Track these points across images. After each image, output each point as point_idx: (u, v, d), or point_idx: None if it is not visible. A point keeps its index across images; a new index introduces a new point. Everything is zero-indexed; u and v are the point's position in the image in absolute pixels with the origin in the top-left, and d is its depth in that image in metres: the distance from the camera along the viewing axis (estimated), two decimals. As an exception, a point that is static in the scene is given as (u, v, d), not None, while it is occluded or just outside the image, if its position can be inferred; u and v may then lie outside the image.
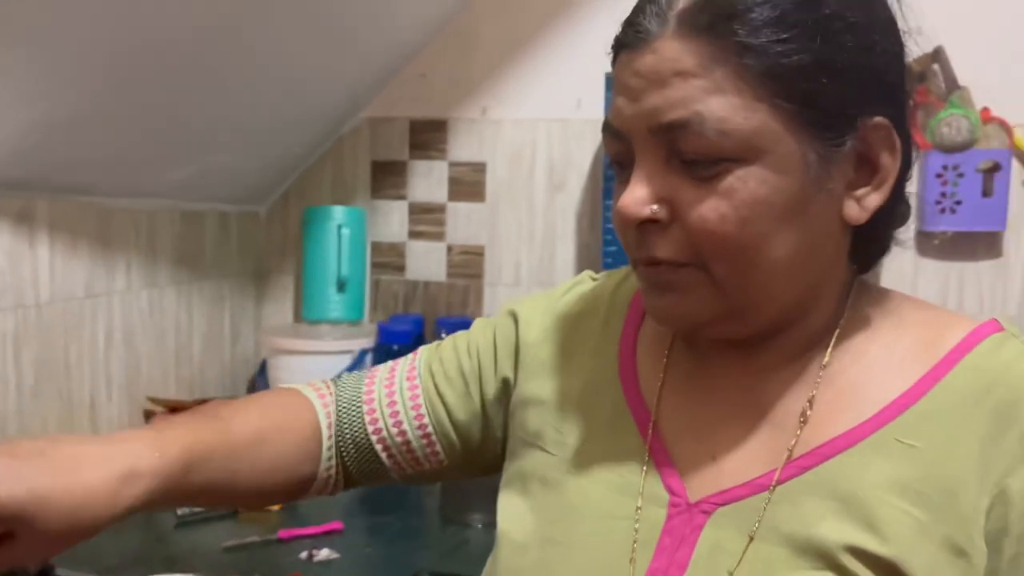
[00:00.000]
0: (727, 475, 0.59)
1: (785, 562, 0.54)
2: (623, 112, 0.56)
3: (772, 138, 0.53)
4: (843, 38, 0.54)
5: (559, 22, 1.72)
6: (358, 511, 1.42)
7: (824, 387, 0.59)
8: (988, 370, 0.57)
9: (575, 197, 1.75)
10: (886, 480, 0.54)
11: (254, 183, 1.79)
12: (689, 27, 0.53)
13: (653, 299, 0.59)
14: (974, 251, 1.59)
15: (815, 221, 0.56)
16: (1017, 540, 0.53)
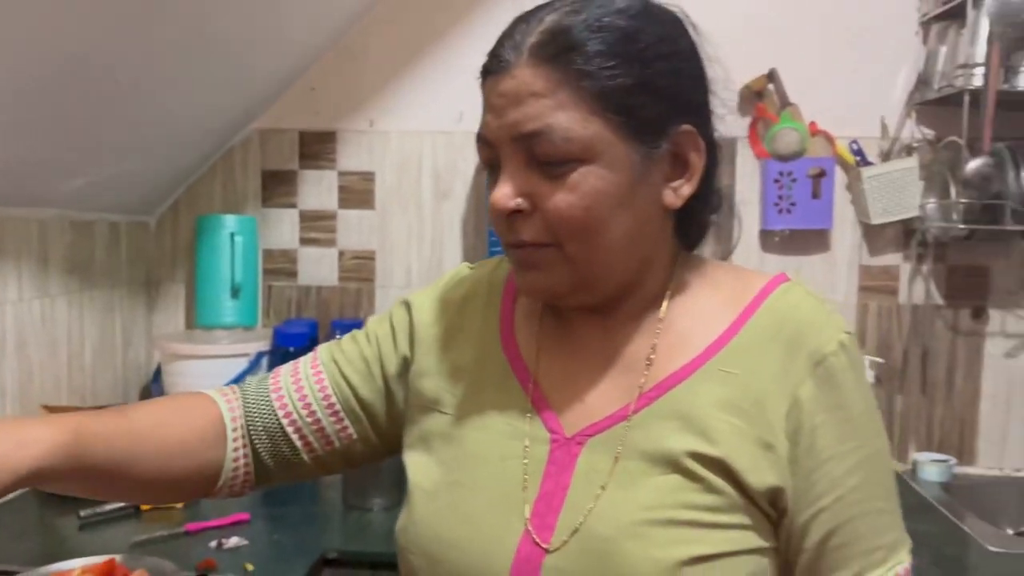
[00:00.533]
0: (595, 412, 0.73)
1: (644, 472, 0.69)
2: (490, 125, 0.69)
3: (606, 143, 0.67)
4: (657, 65, 0.69)
5: (443, 40, 1.84)
6: (262, 503, 1.48)
7: (662, 335, 0.74)
8: (779, 310, 0.72)
9: (460, 203, 1.87)
10: (713, 400, 0.70)
11: (144, 193, 1.81)
12: (538, 57, 0.67)
13: (522, 276, 0.73)
14: (807, 246, 1.83)
15: (642, 207, 0.70)
16: (808, 432, 0.68)
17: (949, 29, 1.69)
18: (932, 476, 1.71)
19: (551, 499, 0.70)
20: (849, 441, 0.68)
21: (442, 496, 0.74)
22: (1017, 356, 1.81)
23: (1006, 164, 1.63)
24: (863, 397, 0.70)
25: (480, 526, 0.71)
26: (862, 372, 0.71)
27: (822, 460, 0.68)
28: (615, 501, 0.68)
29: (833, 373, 0.69)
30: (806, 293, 0.74)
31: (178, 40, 1.37)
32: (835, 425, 0.68)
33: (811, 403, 0.68)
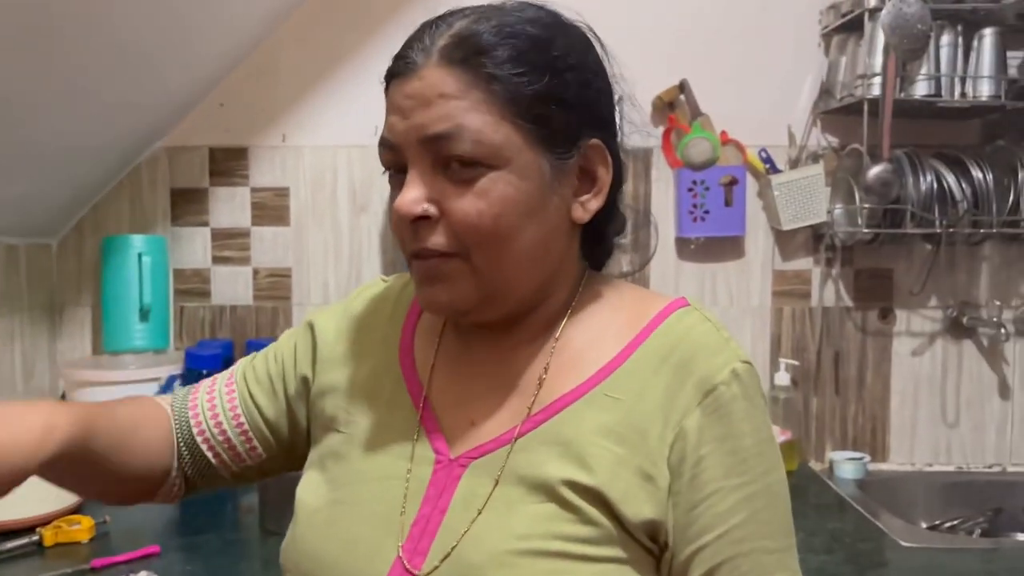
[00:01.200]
0: (483, 434, 0.71)
1: (521, 499, 0.66)
2: (396, 127, 0.67)
3: (515, 150, 0.65)
4: (567, 76, 0.68)
5: (355, 55, 1.82)
6: (174, 533, 1.42)
7: (556, 356, 0.72)
8: (672, 335, 0.69)
9: (378, 218, 1.85)
10: (596, 426, 0.67)
11: (45, 215, 1.74)
12: (448, 59, 0.65)
13: (424, 289, 0.69)
14: (722, 253, 1.86)
15: (551, 218, 0.69)
16: (692, 465, 0.65)
17: (848, 41, 1.75)
18: (848, 474, 1.76)
19: (427, 523, 0.68)
20: (735, 476, 0.65)
21: (322, 514, 0.72)
22: (922, 354, 1.88)
23: (905, 170, 1.69)
24: (755, 429, 0.66)
25: (355, 547, 0.69)
26: (757, 403, 0.68)
27: (706, 494, 0.65)
28: (489, 528, 0.66)
29: (722, 403, 0.66)
30: (702, 318, 0.71)
31: (76, 56, 1.32)
32: (721, 457, 0.65)
33: (697, 434, 0.65)
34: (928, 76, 1.66)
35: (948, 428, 1.89)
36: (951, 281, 1.86)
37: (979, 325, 1.82)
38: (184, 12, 1.46)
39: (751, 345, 1.85)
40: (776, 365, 1.83)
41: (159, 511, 1.54)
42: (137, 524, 1.44)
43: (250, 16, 1.72)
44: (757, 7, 1.83)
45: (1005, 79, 1.68)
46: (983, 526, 1.71)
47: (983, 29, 1.68)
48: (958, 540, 1.58)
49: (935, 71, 1.67)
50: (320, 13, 1.81)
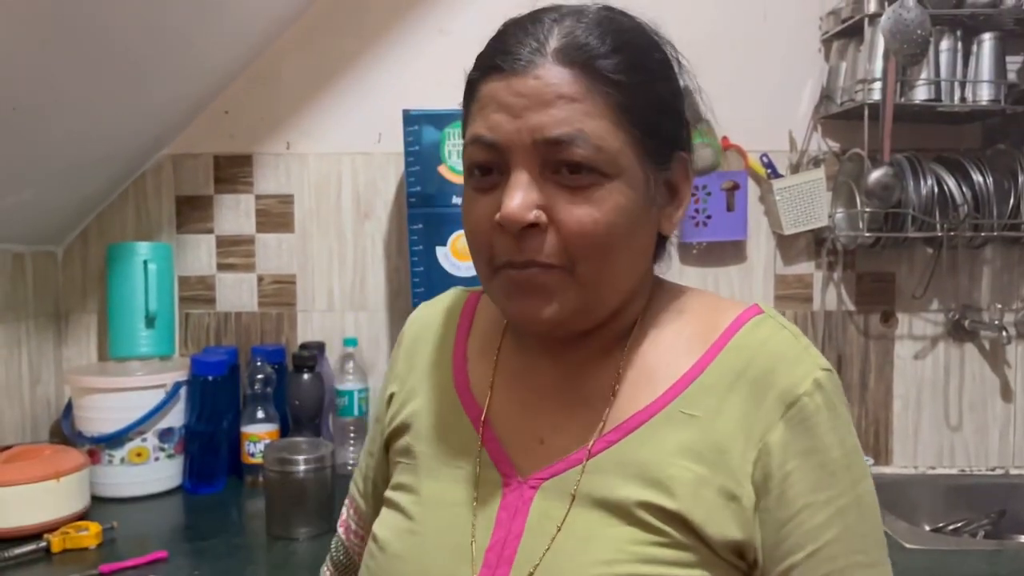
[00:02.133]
0: (552, 454, 0.68)
1: (599, 522, 0.64)
2: (503, 126, 0.63)
3: (628, 159, 0.64)
4: (670, 85, 0.68)
5: (359, 62, 1.83)
6: (182, 538, 1.43)
7: (626, 371, 0.69)
8: (748, 347, 0.67)
9: (382, 224, 1.86)
10: (673, 445, 0.64)
11: (50, 222, 1.75)
12: (565, 61, 0.62)
13: (519, 302, 0.65)
14: (724, 257, 1.87)
15: (649, 229, 0.68)
16: (779, 481, 0.63)
17: (849, 46, 1.76)
18: (851, 477, 1.76)
19: (503, 548, 0.66)
20: (825, 490, 0.63)
21: (393, 547, 0.71)
22: (924, 357, 1.89)
23: (906, 174, 1.70)
24: (841, 440, 0.64)
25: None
26: (842, 412, 0.65)
27: (795, 511, 0.63)
28: (567, 553, 0.64)
29: (807, 416, 0.63)
30: (778, 327, 0.68)
31: (81, 64, 1.33)
32: (809, 472, 0.63)
33: (781, 449, 0.63)
34: (928, 81, 1.67)
35: (951, 431, 1.90)
36: (953, 284, 1.86)
37: (981, 328, 1.83)
38: (189, 20, 1.47)
39: (754, 349, 1.85)
40: (779, 369, 1.83)
41: (166, 516, 1.55)
42: (144, 530, 1.45)
43: (254, 24, 1.73)
44: (758, 14, 1.84)
45: (1004, 83, 1.69)
46: (987, 528, 1.72)
47: (982, 34, 1.69)
48: (962, 542, 1.58)
49: (935, 76, 1.68)
50: (324, 21, 1.83)
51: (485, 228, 0.65)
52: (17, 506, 1.36)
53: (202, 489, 1.65)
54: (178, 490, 1.66)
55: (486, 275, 0.68)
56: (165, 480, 1.64)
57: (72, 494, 1.42)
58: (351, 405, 1.74)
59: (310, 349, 1.76)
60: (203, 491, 1.65)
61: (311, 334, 1.87)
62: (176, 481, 1.66)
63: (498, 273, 0.66)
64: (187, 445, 1.66)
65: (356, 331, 1.86)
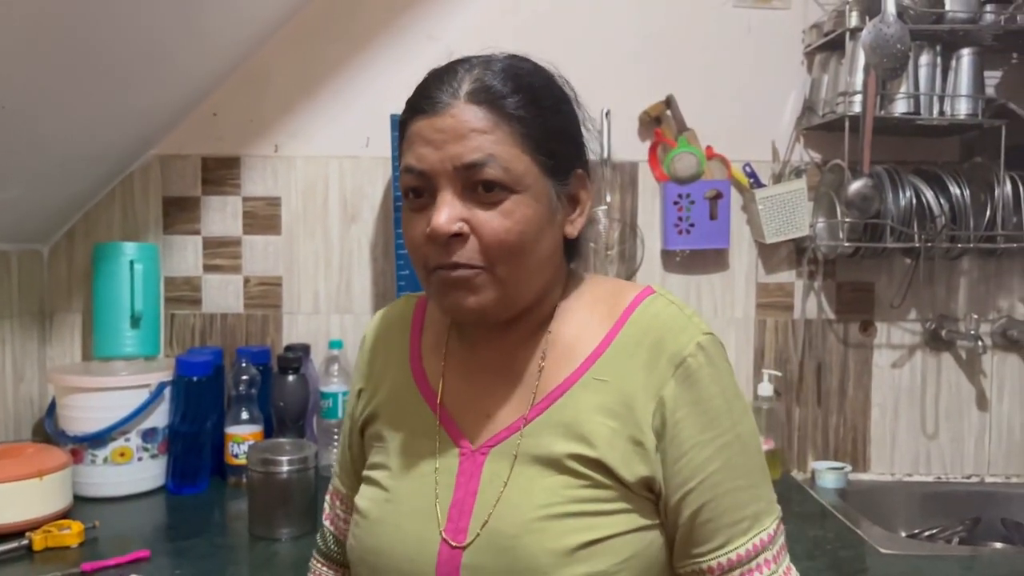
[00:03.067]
0: (495, 425, 0.83)
1: (537, 475, 0.79)
2: (428, 157, 0.76)
3: (533, 177, 0.78)
4: (566, 116, 0.83)
5: (347, 67, 1.85)
6: (164, 537, 1.43)
7: (551, 349, 0.84)
8: (643, 321, 0.81)
9: (369, 228, 1.87)
10: (590, 406, 0.79)
11: (37, 221, 1.75)
12: (475, 101, 0.76)
13: (451, 296, 0.78)
14: (706, 265, 1.89)
15: (555, 234, 0.82)
16: (672, 427, 0.77)
17: (831, 59, 1.79)
18: (829, 483, 1.79)
19: (463, 505, 0.80)
20: (708, 431, 0.77)
21: (374, 513, 0.85)
22: (902, 366, 1.92)
23: (885, 185, 1.73)
24: (722, 390, 0.78)
25: (405, 537, 0.81)
26: (722, 367, 0.80)
27: (685, 450, 0.77)
28: (514, 502, 0.78)
29: (691, 371, 0.78)
30: (667, 302, 0.83)
31: (69, 64, 1.33)
32: (695, 418, 0.77)
33: (673, 400, 0.78)
34: (907, 95, 1.70)
35: (927, 439, 1.93)
36: (930, 294, 1.90)
37: (957, 338, 1.86)
38: (179, 22, 1.48)
39: (735, 356, 1.88)
40: (759, 376, 1.86)
41: (149, 516, 1.55)
42: (126, 529, 1.45)
43: (244, 26, 1.74)
44: (742, 26, 1.87)
45: (982, 98, 1.72)
46: (961, 535, 1.74)
47: (961, 49, 1.72)
48: (937, 548, 1.60)
49: (914, 90, 1.71)
50: (313, 25, 1.84)
51: (420, 240, 0.78)
52: (-1, 504, 1.36)
53: (185, 489, 1.65)
54: (161, 490, 1.66)
55: (423, 278, 0.81)
56: (148, 480, 1.64)
57: (54, 493, 1.42)
58: (335, 407, 1.75)
59: (295, 351, 1.77)
60: (186, 491, 1.65)
61: (296, 336, 1.88)
62: (159, 481, 1.66)
63: (432, 275, 0.79)
64: (170, 445, 1.67)
65: (341, 333, 1.87)
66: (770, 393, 1.82)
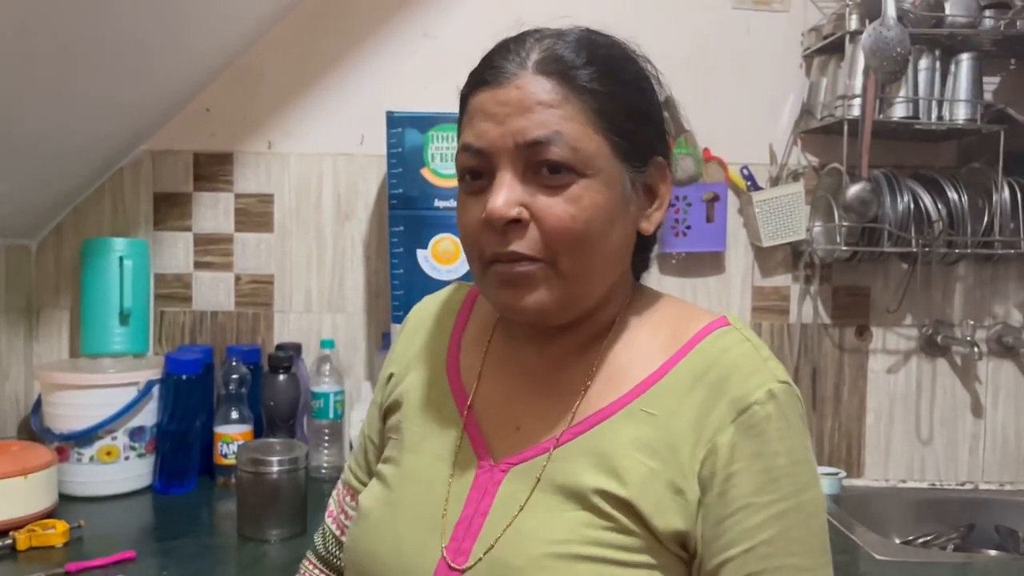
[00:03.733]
0: (524, 441, 0.74)
1: (558, 506, 0.69)
2: (488, 133, 0.69)
3: (605, 160, 0.69)
4: (646, 95, 0.73)
5: (342, 63, 1.83)
6: (150, 538, 1.41)
7: (600, 369, 0.75)
8: (710, 354, 0.71)
9: (363, 226, 1.85)
10: (631, 440, 0.69)
11: (25, 216, 1.72)
12: (544, 71, 0.69)
13: (508, 293, 0.70)
14: (703, 268, 1.88)
15: (627, 227, 0.73)
16: (723, 480, 0.67)
17: (830, 62, 1.79)
18: (824, 489, 1.77)
19: (470, 524, 0.72)
20: (766, 494, 0.66)
21: (374, 514, 0.78)
22: (897, 372, 1.91)
23: (883, 189, 1.72)
24: (789, 449, 0.67)
25: (402, 545, 0.73)
26: (794, 423, 0.69)
27: (734, 509, 0.66)
28: (525, 532, 0.69)
29: (756, 422, 0.67)
30: (742, 338, 0.72)
31: (59, 58, 1.31)
32: (753, 475, 0.67)
33: (728, 450, 0.67)
34: (906, 99, 1.70)
35: (922, 445, 1.92)
36: (926, 300, 1.89)
37: (953, 344, 1.85)
38: (173, 15, 1.46)
39: (730, 360, 1.86)
40: (754, 380, 1.84)
41: (135, 516, 1.53)
42: (112, 529, 1.42)
43: (239, 21, 1.72)
44: (741, 28, 1.86)
45: (981, 103, 1.72)
46: (956, 542, 1.74)
47: (960, 54, 1.72)
48: (931, 555, 1.59)
49: (913, 94, 1.70)
50: (309, 20, 1.82)
51: (475, 227, 0.70)
52: (-18, 503, 1.33)
53: (172, 489, 1.63)
54: (148, 490, 1.64)
55: (478, 271, 0.73)
56: (135, 479, 1.62)
57: (39, 492, 1.40)
58: (326, 407, 1.73)
59: (286, 350, 1.75)
60: (173, 491, 1.62)
61: (288, 335, 1.85)
62: (146, 481, 1.64)
63: (488, 268, 0.71)
64: (158, 444, 1.64)
65: (333, 333, 1.85)
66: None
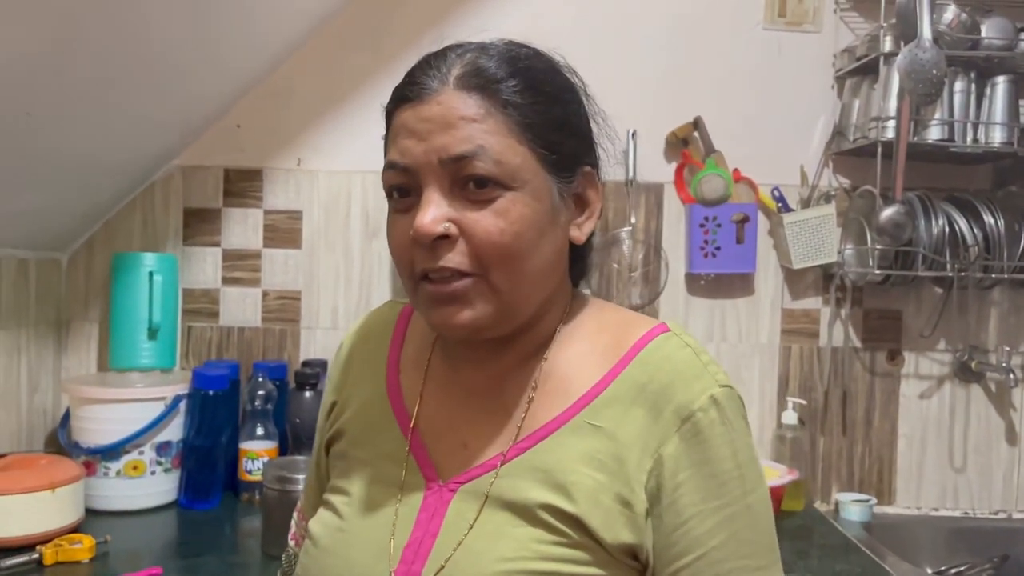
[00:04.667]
0: (471, 459, 0.73)
1: (507, 522, 0.68)
2: (412, 150, 0.68)
3: (530, 172, 0.68)
4: (570, 106, 0.73)
5: (372, 80, 1.83)
6: (176, 554, 1.40)
7: (543, 382, 0.74)
8: (651, 363, 0.71)
9: (389, 243, 1.85)
10: (577, 453, 0.69)
11: (56, 229, 1.74)
12: (466, 86, 0.68)
13: (440, 311, 0.69)
14: (732, 290, 1.86)
15: (558, 238, 0.72)
16: (671, 491, 0.67)
17: (863, 83, 1.77)
18: (854, 516, 1.74)
19: (419, 546, 0.70)
20: (714, 499, 0.67)
21: (324, 541, 0.76)
22: (930, 397, 1.87)
23: (917, 212, 1.70)
24: (734, 452, 0.68)
25: (353, 570, 0.72)
26: (737, 426, 0.69)
27: (684, 518, 0.67)
28: (476, 550, 0.68)
29: (700, 429, 0.67)
30: (682, 344, 0.72)
31: (94, 74, 1.32)
32: (699, 482, 0.67)
33: (674, 460, 0.67)
34: (942, 121, 1.68)
35: (955, 473, 1.88)
36: (961, 325, 1.86)
37: (988, 370, 1.82)
38: (206, 33, 1.47)
39: (759, 383, 1.84)
40: (783, 404, 1.82)
41: (161, 531, 1.53)
42: (138, 544, 1.42)
43: (270, 38, 1.73)
44: (772, 48, 1.85)
45: (1017, 126, 1.69)
46: (989, 573, 1.69)
47: (996, 76, 1.70)
48: (965, 587, 1.56)
49: (949, 116, 1.68)
50: (339, 38, 1.83)
51: (405, 244, 0.69)
52: (10, 516, 1.33)
53: (197, 505, 1.62)
54: (173, 505, 1.64)
55: (410, 288, 0.72)
56: (161, 494, 1.62)
57: (66, 506, 1.40)
58: (351, 425, 1.72)
59: (312, 367, 1.74)
60: (198, 507, 1.62)
61: (314, 351, 1.85)
62: (172, 496, 1.64)
63: (420, 285, 0.70)
64: (184, 459, 1.64)
65: (359, 350, 1.84)
66: (794, 421, 1.78)
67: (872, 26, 1.78)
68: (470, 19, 1.83)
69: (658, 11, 1.83)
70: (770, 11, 1.85)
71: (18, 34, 1.11)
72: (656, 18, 1.83)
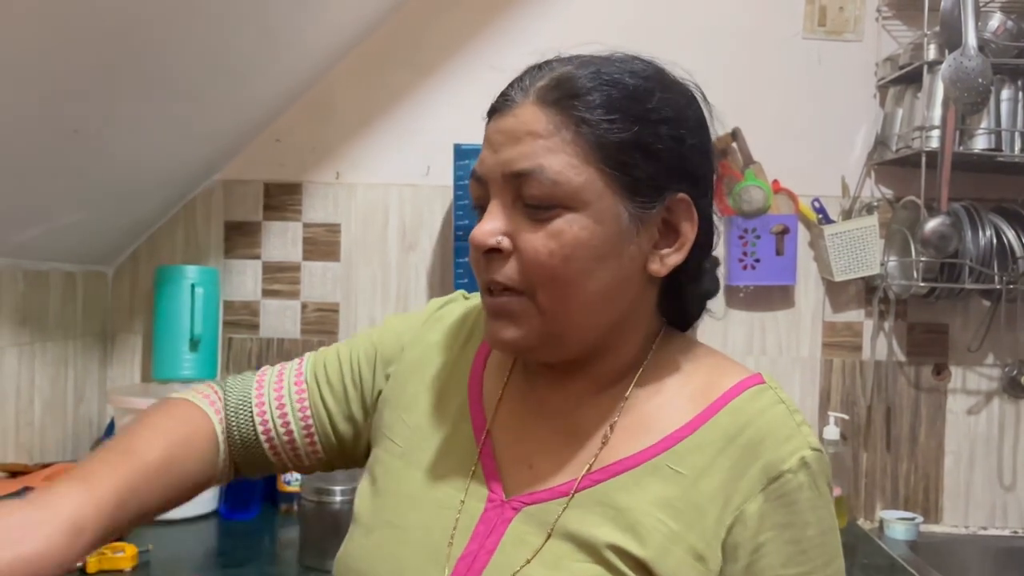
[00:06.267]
0: (539, 480, 0.71)
1: (569, 555, 0.66)
2: (485, 161, 0.68)
3: (595, 194, 0.65)
4: (660, 128, 0.67)
5: (410, 94, 1.85)
6: (215, 564, 1.42)
7: (624, 416, 0.71)
8: (743, 414, 0.68)
9: (427, 256, 1.86)
10: (654, 497, 0.66)
11: (102, 243, 1.77)
12: (543, 100, 0.66)
13: (491, 324, 0.70)
14: (772, 302, 1.84)
15: (624, 267, 0.68)
16: (750, 552, 0.64)
17: (906, 92, 1.74)
18: (899, 534, 1.70)
19: (473, 560, 0.68)
20: (794, 566, 0.65)
21: (375, 534, 0.74)
22: (978, 413, 1.83)
23: (963, 224, 1.66)
24: (819, 519, 0.66)
25: (405, 572, 0.70)
26: (824, 492, 0.67)
27: None
28: None
29: (787, 491, 0.65)
30: (776, 400, 0.69)
31: (142, 89, 1.35)
32: (780, 546, 0.65)
33: (757, 520, 0.65)
34: (988, 130, 1.64)
35: (1004, 491, 1.83)
36: (1010, 339, 1.81)
37: (1038, 385, 1.77)
38: (247, 49, 1.50)
39: (799, 397, 1.81)
40: (825, 418, 1.79)
41: (201, 540, 1.55)
42: (179, 553, 1.44)
43: (309, 53, 1.76)
44: (812, 58, 1.83)
45: (1067, 135, 1.65)
46: (1041, 595, 1.65)
47: (1045, 84, 1.66)
48: (1016, 609, 1.51)
49: (995, 125, 1.64)
50: (377, 52, 1.85)
51: (476, 254, 0.69)
52: (56, 525, 1.36)
53: (237, 515, 1.64)
54: (213, 515, 1.66)
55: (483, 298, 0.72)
56: (201, 504, 1.64)
57: (110, 515, 1.42)
58: (388, 437, 1.73)
59: (350, 378, 1.76)
60: (238, 517, 1.64)
61: (351, 363, 1.86)
62: (212, 506, 1.66)
63: (483, 298, 0.71)
64: (224, 470, 1.66)
65: (396, 362, 1.85)
66: (836, 437, 1.75)
67: (915, 34, 1.75)
68: (508, 34, 1.83)
69: (696, 21, 1.82)
70: (810, 21, 1.83)
71: (68, 54, 1.14)
72: (694, 29, 1.82)
